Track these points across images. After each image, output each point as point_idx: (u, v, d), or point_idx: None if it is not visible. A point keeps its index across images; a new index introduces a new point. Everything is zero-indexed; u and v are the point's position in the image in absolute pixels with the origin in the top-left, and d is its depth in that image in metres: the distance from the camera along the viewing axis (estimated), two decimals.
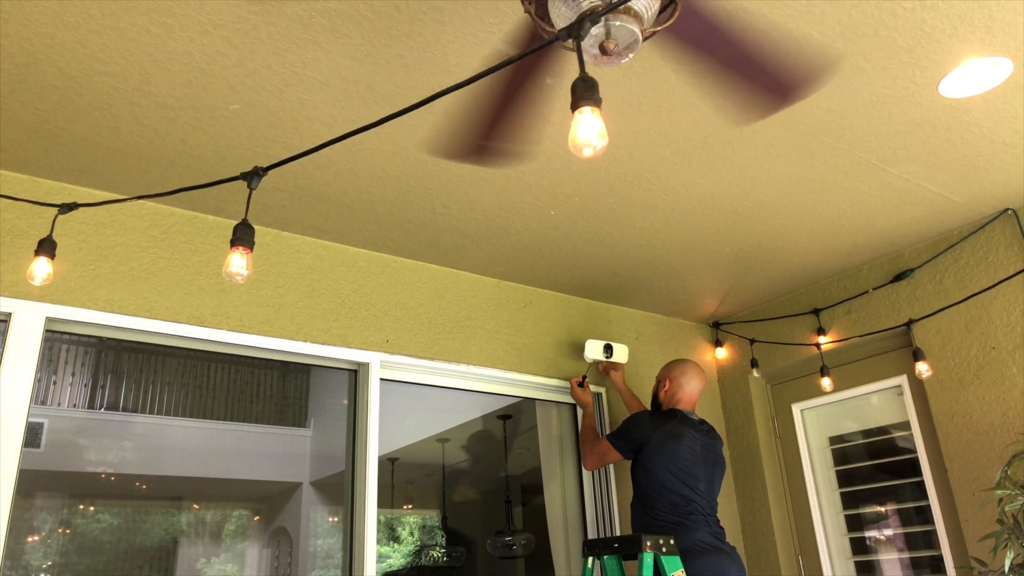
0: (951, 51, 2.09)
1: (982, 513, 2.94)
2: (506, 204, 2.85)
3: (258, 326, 2.82)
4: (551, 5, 1.48)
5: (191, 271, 2.74)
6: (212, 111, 2.22)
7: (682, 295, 3.84)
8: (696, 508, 2.86)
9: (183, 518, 4.83)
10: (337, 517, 3.58)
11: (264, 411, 4.96)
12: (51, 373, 4.21)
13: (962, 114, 2.40)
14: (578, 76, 1.21)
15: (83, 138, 2.32)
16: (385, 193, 2.73)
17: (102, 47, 1.93)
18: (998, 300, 3.06)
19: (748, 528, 3.84)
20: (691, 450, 2.93)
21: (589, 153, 1.20)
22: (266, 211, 2.83)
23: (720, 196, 2.86)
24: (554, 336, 3.63)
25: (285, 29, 1.90)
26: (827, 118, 2.38)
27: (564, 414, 3.76)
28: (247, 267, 1.65)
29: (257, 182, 1.68)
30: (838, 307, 3.66)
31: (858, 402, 3.65)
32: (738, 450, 3.98)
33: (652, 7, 1.43)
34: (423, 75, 2.09)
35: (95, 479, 4.41)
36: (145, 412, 4.41)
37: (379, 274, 3.20)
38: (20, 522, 3.85)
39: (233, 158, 2.46)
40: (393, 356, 3.10)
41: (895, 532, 3.46)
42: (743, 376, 4.03)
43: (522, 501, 5.58)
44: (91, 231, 2.60)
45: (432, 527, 6.28)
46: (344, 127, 2.31)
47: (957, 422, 3.12)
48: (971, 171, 2.75)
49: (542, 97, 2.07)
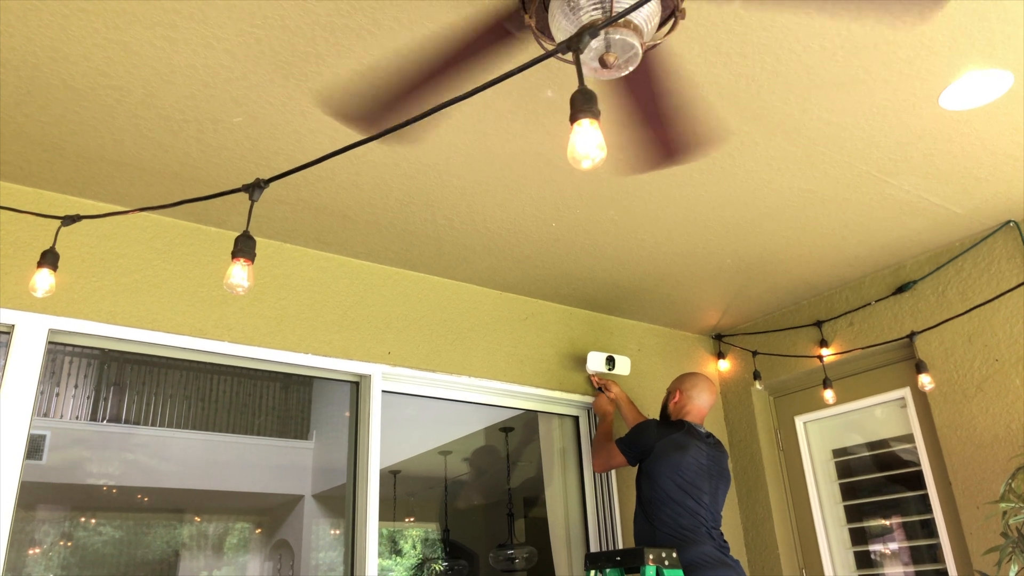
0: (951, 64, 2.10)
1: (986, 526, 2.92)
2: (508, 216, 2.85)
3: (260, 338, 2.82)
4: (551, 19, 1.49)
5: (194, 283, 2.75)
6: (215, 124, 2.23)
7: (684, 307, 3.84)
8: (700, 521, 2.85)
9: (185, 531, 4.81)
10: (339, 530, 3.56)
11: (266, 423, 4.95)
12: (53, 385, 4.22)
13: (963, 126, 2.40)
14: (577, 89, 1.21)
15: (87, 150, 2.34)
16: (387, 205, 2.74)
17: (106, 60, 1.95)
18: (1001, 312, 3.05)
19: (752, 542, 3.82)
20: (696, 462, 2.92)
21: (588, 165, 1.20)
22: (269, 223, 2.84)
23: (722, 208, 2.86)
24: (556, 348, 3.63)
25: (287, 42, 1.91)
26: (827, 130, 2.39)
27: (566, 426, 3.75)
28: (248, 279, 1.66)
29: (258, 194, 1.68)
30: (840, 319, 3.65)
31: (861, 415, 3.64)
32: (741, 463, 3.96)
33: (652, 20, 1.44)
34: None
35: (97, 491, 4.40)
36: (147, 424, 4.41)
37: (381, 286, 3.20)
38: (21, 535, 3.84)
39: (236, 170, 2.47)
40: (395, 368, 3.09)
41: (900, 546, 3.44)
42: (746, 388, 4.02)
43: (524, 514, 5.56)
44: (94, 243, 2.61)
45: (434, 540, 6.26)
46: (346, 139, 2.32)
47: (961, 435, 3.10)
48: (972, 183, 2.75)
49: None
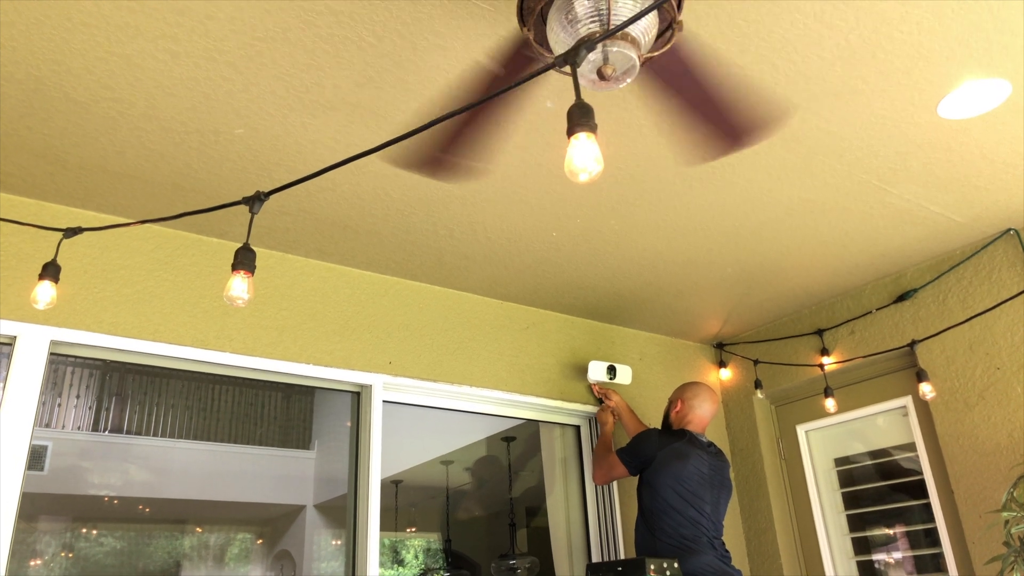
0: (949, 73, 2.11)
1: (989, 535, 2.91)
2: (509, 225, 2.86)
3: (261, 348, 2.82)
4: (549, 31, 1.50)
5: (195, 294, 2.76)
6: (217, 135, 2.24)
7: (685, 316, 3.84)
8: (702, 531, 2.84)
9: (186, 541, 4.81)
10: (340, 540, 3.55)
11: (267, 433, 4.95)
12: (55, 395, 4.22)
13: (961, 135, 2.41)
14: (574, 103, 1.22)
15: (89, 162, 2.35)
16: (388, 215, 2.74)
17: (109, 73, 1.96)
18: (1002, 320, 3.05)
19: (754, 551, 3.80)
20: (698, 471, 2.91)
21: (585, 178, 1.21)
22: (270, 234, 2.85)
23: (722, 217, 2.87)
24: (557, 357, 3.63)
25: (288, 55, 1.92)
26: (827, 140, 2.40)
27: (568, 436, 3.75)
28: (248, 291, 1.66)
29: (259, 207, 1.69)
30: (841, 327, 3.65)
31: (863, 423, 3.63)
32: (743, 472, 3.95)
33: (649, 33, 1.45)
34: (425, 99, 2.11)
35: (98, 502, 4.39)
36: (149, 435, 4.41)
37: (382, 296, 3.21)
38: (23, 546, 3.84)
39: (237, 181, 2.48)
40: (396, 378, 3.10)
41: (903, 555, 3.43)
42: (747, 397, 4.02)
43: (526, 523, 5.55)
44: (96, 254, 2.62)
45: (436, 550, 6.24)
46: (347, 151, 2.33)
47: (963, 443, 3.10)
48: (972, 191, 2.76)
49: (507, 113, 2.08)
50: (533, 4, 1.52)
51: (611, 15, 1.39)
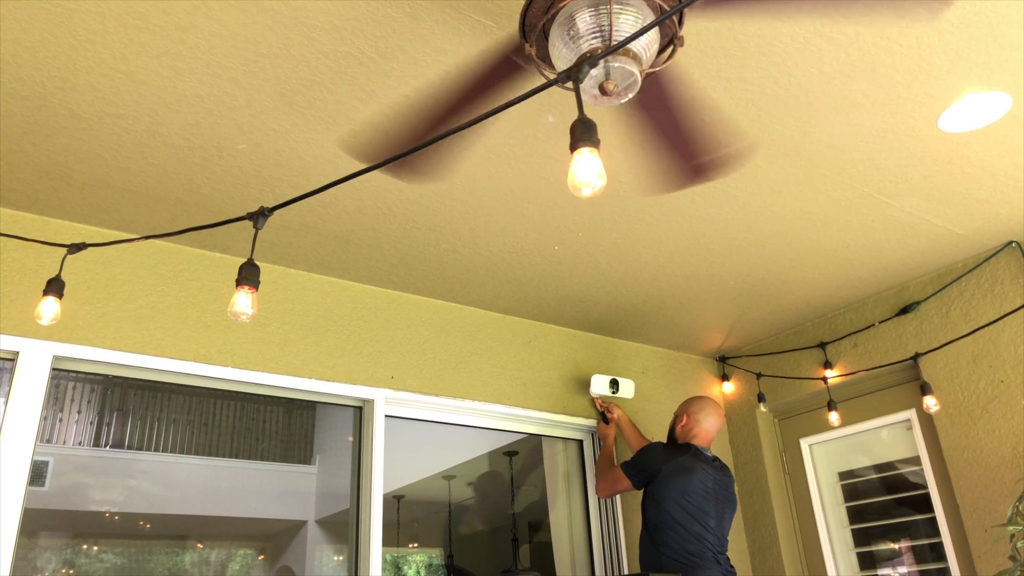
0: (949, 87, 2.12)
1: (994, 549, 2.89)
2: (510, 239, 2.86)
3: (263, 363, 2.82)
4: (551, 47, 1.51)
5: (197, 309, 2.76)
6: (220, 151, 2.25)
7: (688, 329, 3.83)
8: (707, 546, 2.83)
9: (187, 557, 4.78)
10: (342, 556, 3.53)
11: (269, 448, 4.94)
12: (57, 411, 4.21)
13: (962, 148, 2.41)
14: (576, 118, 1.22)
15: (93, 178, 2.36)
16: (390, 230, 2.75)
17: (113, 90, 1.97)
18: (1005, 333, 3.04)
19: (758, 566, 3.78)
20: (703, 485, 2.90)
21: (588, 193, 1.21)
22: (272, 248, 2.85)
23: (723, 230, 2.87)
24: (560, 371, 3.63)
25: (292, 71, 1.93)
26: (828, 153, 2.40)
27: (571, 450, 3.74)
28: (252, 306, 1.67)
29: (263, 222, 1.69)
30: (844, 340, 3.65)
31: (867, 437, 3.62)
32: (747, 486, 3.94)
33: (651, 48, 1.46)
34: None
35: (100, 518, 4.38)
36: (150, 450, 4.40)
37: (384, 310, 3.21)
38: (24, 562, 3.82)
39: (241, 196, 2.49)
40: (398, 392, 3.09)
41: (908, 570, 3.40)
42: (750, 411, 4.01)
43: (529, 539, 5.51)
44: (99, 269, 2.62)
45: (438, 566, 6.20)
46: (350, 166, 2.33)
47: (967, 456, 3.08)
48: (973, 204, 2.76)
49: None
50: (535, 20, 1.53)
51: (613, 31, 1.40)
